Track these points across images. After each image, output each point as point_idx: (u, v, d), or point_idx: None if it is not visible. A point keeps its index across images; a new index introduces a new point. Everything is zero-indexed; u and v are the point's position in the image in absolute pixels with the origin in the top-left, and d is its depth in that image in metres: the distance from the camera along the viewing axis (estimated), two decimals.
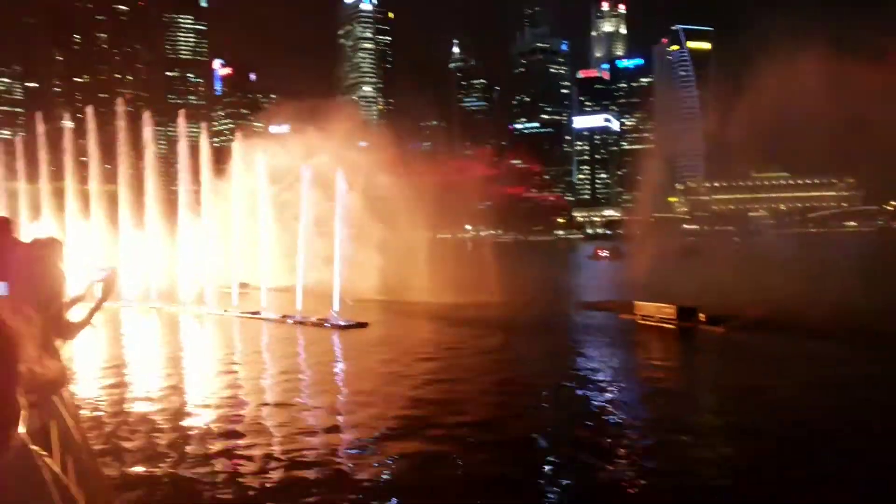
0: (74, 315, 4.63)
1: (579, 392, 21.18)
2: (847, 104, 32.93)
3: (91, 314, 4.84)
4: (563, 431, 16.90)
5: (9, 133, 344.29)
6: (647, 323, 34.03)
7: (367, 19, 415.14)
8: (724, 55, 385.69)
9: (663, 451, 15.34)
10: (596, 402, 19.84)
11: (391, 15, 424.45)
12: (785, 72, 36.84)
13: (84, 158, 67.88)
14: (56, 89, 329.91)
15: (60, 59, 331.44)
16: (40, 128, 62.87)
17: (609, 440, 16.00)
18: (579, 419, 17.89)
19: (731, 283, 41.36)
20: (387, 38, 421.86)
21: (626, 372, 25.01)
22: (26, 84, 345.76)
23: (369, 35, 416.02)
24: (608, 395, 20.70)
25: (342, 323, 35.92)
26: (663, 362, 27.20)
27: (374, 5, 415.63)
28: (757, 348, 28.69)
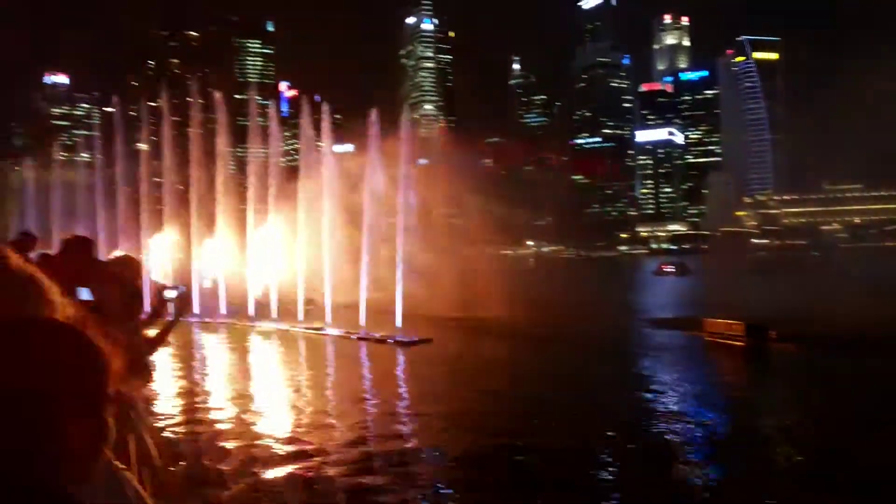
0: (150, 332, 4.75)
1: (656, 413, 20.82)
2: None
3: (166, 332, 4.94)
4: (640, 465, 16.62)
5: (88, 156, 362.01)
6: (716, 340, 33.21)
7: (428, 39, 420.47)
8: (792, 66, 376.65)
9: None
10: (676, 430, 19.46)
11: (452, 34, 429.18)
12: (859, 80, 35.59)
13: (158, 179, 70.54)
14: (131, 113, 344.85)
15: (135, 84, 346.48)
16: (117, 150, 65.57)
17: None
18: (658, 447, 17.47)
19: (807, 299, 40.13)
20: (448, 56, 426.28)
21: (695, 392, 24.42)
22: (103, 108, 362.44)
23: (430, 54, 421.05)
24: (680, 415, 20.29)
25: (406, 339, 36.14)
26: (731, 381, 26.52)
27: (435, 25, 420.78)
28: (830, 368, 27.60)
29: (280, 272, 50.52)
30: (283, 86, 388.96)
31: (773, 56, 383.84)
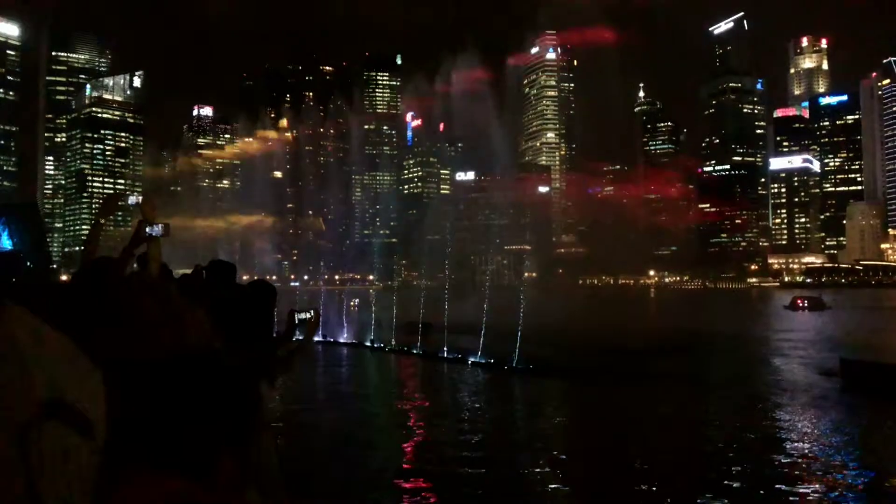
0: (281, 355, 4.93)
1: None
2: None
3: (296, 355, 5.17)
4: None
5: (227, 183, 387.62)
6: (864, 382, 31.34)
7: (551, 68, 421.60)
8: None
9: None
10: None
11: (575, 62, 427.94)
12: None
13: (290, 205, 74.87)
14: (268, 143, 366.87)
15: (272, 116, 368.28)
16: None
17: None
18: None
19: None
20: (570, 84, 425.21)
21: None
22: (245, 139, 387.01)
23: (553, 83, 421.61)
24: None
25: (521, 366, 36.65)
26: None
27: (558, 54, 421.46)
28: None
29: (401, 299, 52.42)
30: (408, 115, 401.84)
31: None
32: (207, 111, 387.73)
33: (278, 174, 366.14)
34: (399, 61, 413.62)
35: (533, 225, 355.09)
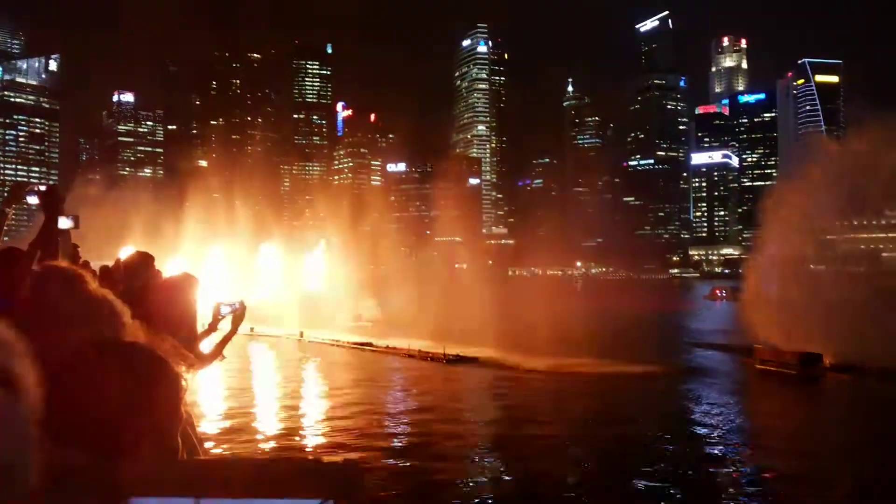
0: (205, 347, 4.96)
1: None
2: None
3: (221, 346, 5.15)
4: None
5: (150, 172, 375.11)
6: (768, 368, 32.95)
7: (482, 61, 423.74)
8: (853, 88, 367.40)
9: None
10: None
11: (506, 56, 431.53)
12: None
13: (216, 195, 73.17)
14: (193, 131, 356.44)
15: (198, 103, 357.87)
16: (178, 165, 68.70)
17: None
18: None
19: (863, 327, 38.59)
20: (501, 78, 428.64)
21: (740, 423, 24.54)
22: (168, 126, 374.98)
23: (484, 76, 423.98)
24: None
25: (451, 355, 36.97)
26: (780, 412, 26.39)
27: (490, 48, 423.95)
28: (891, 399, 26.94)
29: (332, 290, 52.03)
30: (339, 105, 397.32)
31: (834, 79, 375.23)
32: (129, 97, 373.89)
33: (203, 163, 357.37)
34: (329, 50, 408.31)
35: (463, 217, 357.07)
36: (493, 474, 16.78)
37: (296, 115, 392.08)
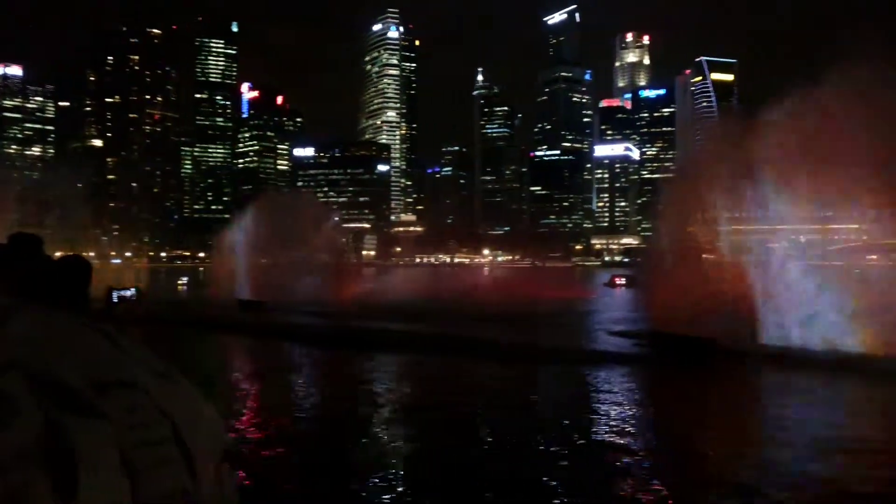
0: None
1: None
2: (875, 136, 32.96)
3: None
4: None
5: (39, 150, 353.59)
6: (662, 352, 33.99)
7: (393, 46, 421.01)
8: (746, 87, 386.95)
9: None
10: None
11: (417, 42, 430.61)
12: (806, 104, 37.06)
13: (111, 177, 69.79)
14: (87, 108, 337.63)
15: (92, 79, 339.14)
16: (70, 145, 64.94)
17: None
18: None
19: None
20: (412, 64, 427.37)
21: (638, 410, 25.22)
22: (59, 103, 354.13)
23: (395, 62, 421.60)
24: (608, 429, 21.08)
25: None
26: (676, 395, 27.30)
27: (401, 33, 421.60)
28: (780, 384, 28.04)
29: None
30: (244, 86, 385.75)
31: (729, 77, 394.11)
32: (16, 70, 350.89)
33: (97, 142, 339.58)
34: (235, 29, 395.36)
35: (372, 203, 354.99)
36: None
37: (198, 95, 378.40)
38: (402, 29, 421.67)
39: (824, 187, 37.94)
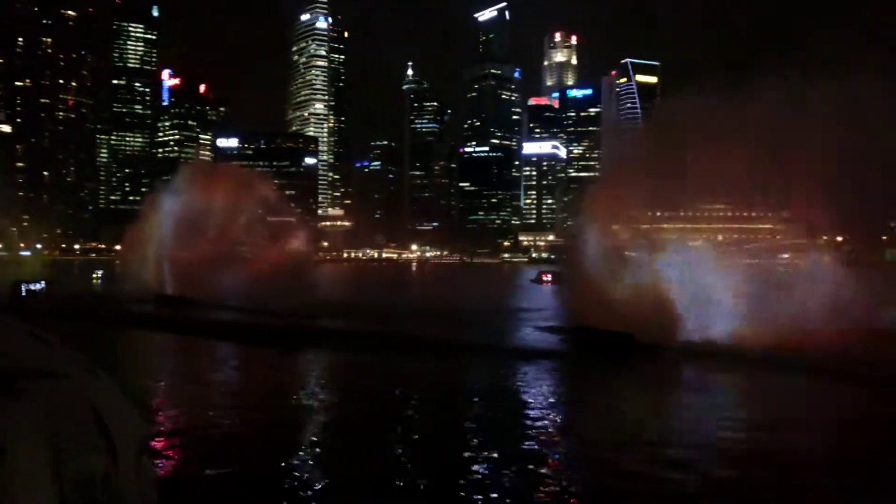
0: None
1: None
2: (788, 139, 34.26)
3: None
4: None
5: None
6: (585, 347, 34.41)
7: (322, 37, 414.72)
8: (669, 89, 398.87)
9: None
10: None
11: (346, 34, 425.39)
12: (726, 108, 38.15)
13: (21, 164, 66.16)
14: None
15: (1, 61, 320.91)
16: None
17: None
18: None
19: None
20: (341, 56, 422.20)
21: (556, 399, 25.31)
22: None
23: (323, 53, 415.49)
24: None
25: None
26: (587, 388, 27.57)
27: (329, 24, 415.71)
28: (696, 376, 28.71)
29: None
30: (164, 73, 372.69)
31: (653, 80, 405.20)
32: None
33: (6, 128, 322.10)
34: (156, 13, 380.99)
35: (298, 197, 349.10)
36: None
37: (115, 81, 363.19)
38: (330, 20, 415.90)
39: (740, 189, 39.16)
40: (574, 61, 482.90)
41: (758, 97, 35.58)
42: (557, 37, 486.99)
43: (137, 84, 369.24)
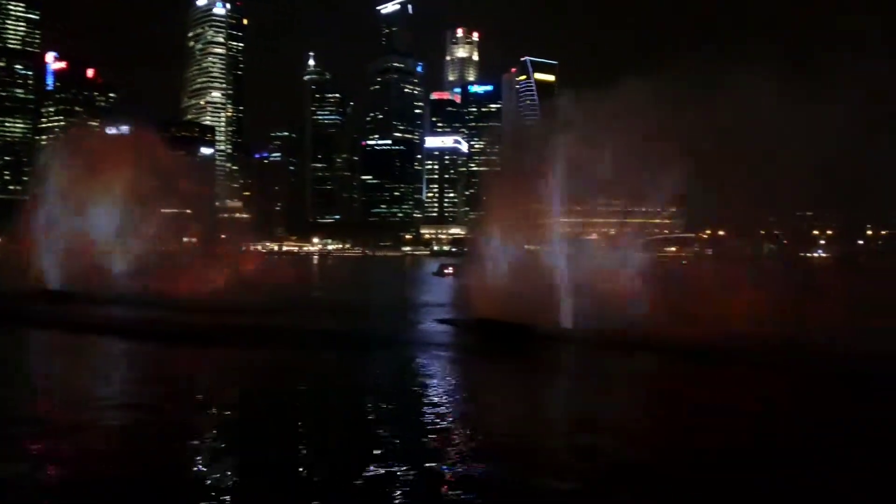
0: None
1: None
2: (677, 136, 36.11)
3: None
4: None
5: None
6: (485, 337, 35.39)
7: (219, 23, 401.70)
8: (566, 88, 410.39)
9: None
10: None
11: (245, 21, 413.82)
12: (616, 107, 39.84)
13: None
14: None
15: None
16: None
17: None
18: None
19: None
20: (239, 44, 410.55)
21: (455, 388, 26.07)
22: None
23: (221, 40, 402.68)
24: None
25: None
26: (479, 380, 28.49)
27: (227, 10, 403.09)
28: (599, 364, 29.94)
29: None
30: (49, 56, 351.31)
31: (551, 78, 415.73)
32: None
33: None
34: None
35: (194, 187, 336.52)
36: None
37: None
38: (228, 6, 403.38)
39: (631, 184, 40.95)
40: (476, 57, 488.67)
41: (649, 95, 37.21)
42: (459, 32, 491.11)
43: (19, 66, 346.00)
